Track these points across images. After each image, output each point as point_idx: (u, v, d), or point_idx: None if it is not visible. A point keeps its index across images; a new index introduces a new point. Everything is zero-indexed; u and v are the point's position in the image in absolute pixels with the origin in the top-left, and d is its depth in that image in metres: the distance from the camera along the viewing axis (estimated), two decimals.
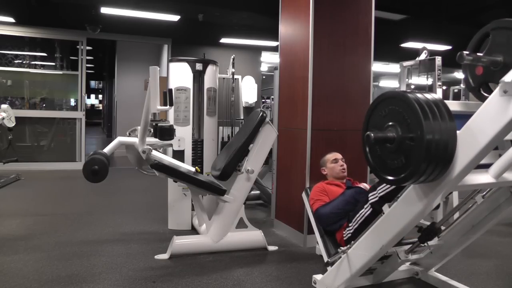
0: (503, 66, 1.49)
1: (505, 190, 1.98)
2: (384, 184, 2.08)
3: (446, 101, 1.52)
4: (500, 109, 1.32)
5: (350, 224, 2.33)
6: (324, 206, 2.52)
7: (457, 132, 1.47)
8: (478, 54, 1.59)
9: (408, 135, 1.48)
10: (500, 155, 1.62)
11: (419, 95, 1.49)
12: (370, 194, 2.18)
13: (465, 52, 1.48)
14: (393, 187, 1.99)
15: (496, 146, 1.60)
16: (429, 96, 1.50)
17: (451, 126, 1.45)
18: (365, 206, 2.23)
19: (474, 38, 1.68)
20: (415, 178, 1.50)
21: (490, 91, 1.53)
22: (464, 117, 1.49)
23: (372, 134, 1.55)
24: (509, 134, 1.47)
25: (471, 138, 1.43)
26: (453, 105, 1.73)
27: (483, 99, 1.52)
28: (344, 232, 2.38)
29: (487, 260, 2.88)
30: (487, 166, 1.63)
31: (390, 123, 1.55)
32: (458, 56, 1.46)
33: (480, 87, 1.65)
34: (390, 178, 1.58)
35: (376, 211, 2.04)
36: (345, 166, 2.80)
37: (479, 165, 1.52)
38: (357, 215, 2.28)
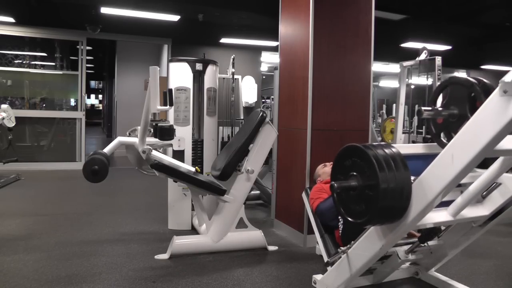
0: (459, 118, 1.70)
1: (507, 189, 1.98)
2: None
3: (406, 145, 1.69)
4: (500, 109, 1.32)
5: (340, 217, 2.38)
6: (324, 202, 2.53)
7: (412, 180, 1.62)
8: (437, 108, 1.80)
9: (368, 184, 1.64)
10: (461, 192, 1.78)
11: (378, 150, 1.66)
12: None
13: (424, 108, 1.73)
14: None
15: (459, 183, 1.70)
16: (387, 150, 1.67)
17: (406, 175, 1.62)
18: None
19: (435, 91, 1.90)
20: (374, 222, 1.72)
21: (450, 137, 1.71)
22: (430, 156, 1.62)
23: (336, 184, 1.75)
24: (466, 177, 1.59)
25: (424, 186, 1.57)
26: (418, 148, 2.06)
27: (443, 145, 1.70)
28: (339, 225, 2.40)
29: (487, 260, 2.88)
30: (449, 203, 1.78)
31: (353, 173, 1.73)
32: (417, 112, 1.74)
33: (441, 134, 1.84)
34: (353, 220, 1.76)
35: None
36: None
37: (440, 203, 1.65)
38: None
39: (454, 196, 1.78)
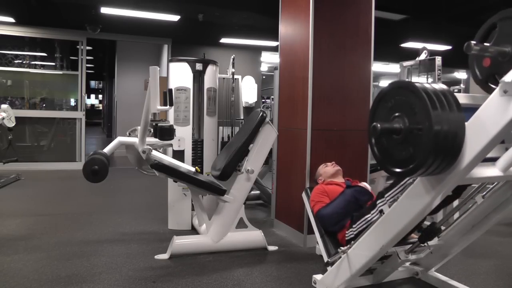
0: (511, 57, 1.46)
1: (506, 189, 1.97)
2: (392, 191, 2.08)
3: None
4: (500, 109, 1.32)
5: (354, 226, 2.31)
6: (326, 207, 2.50)
7: (466, 123, 1.43)
8: (485, 44, 1.55)
9: (416, 126, 1.44)
10: (507, 149, 1.59)
11: (427, 85, 1.45)
12: (379, 201, 2.16)
13: (473, 42, 1.42)
14: (401, 192, 1.99)
15: (503, 140, 1.58)
16: (437, 86, 1.46)
17: (460, 117, 1.41)
18: (372, 212, 2.21)
19: (481, 29, 1.62)
20: (423, 170, 1.46)
21: (498, 84, 1.45)
22: (470, 110, 1.46)
23: (379, 125, 1.51)
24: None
25: (479, 129, 1.39)
26: (460, 98, 1.66)
27: (491, 91, 1.48)
28: (347, 232, 2.36)
29: (487, 260, 2.88)
30: (493, 160, 1.59)
31: (397, 114, 1.51)
32: (466, 46, 1.41)
33: (488, 79, 1.61)
34: (397, 170, 1.53)
35: None
36: (334, 163, 2.85)
37: (485, 159, 1.49)
38: (363, 219, 2.25)
39: (499, 153, 1.60)
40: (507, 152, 1.57)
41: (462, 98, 1.63)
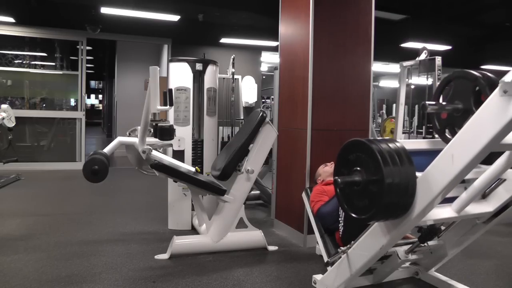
0: (464, 112, 1.68)
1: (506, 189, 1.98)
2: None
3: (410, 141, 1.64)
4: (500, 109, 1.32)
5: (340, 214, 2.38)
6: (325, 205, 2.53)
7: (417, 175, 1.59)
8: (441, 103, 1.78)
9: (372, 178, 1.62)
10: (465, 188, 1.75)
11: (381, 144, 1.63)
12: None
13: (428, 103, 1.71)
14: None
15: (463, 179, 1.69)
16: (391, 144, 1.64)
17: (411, 171, 1.59)
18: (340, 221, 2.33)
19: (439, 86, 1.85)
20: (379, 218, 1.70)
21: (454, 133, 1.68)
22: (434, 152, 1.59)
23: (339, 179, 1.72)
24: (471, 173, 1.58)
25: (431, 179, 1.54)
26: (422, 144, 2.01)
27: (447, 140, 1.67)
28: (340, 231, 2.39)
29: (487, 260, 2.88)
30: (453, 199, 1.76)
31: (358, 168, 1.69)
32: (422, 106, 1.71)
33: (445, 129, 1.81)
34: (357, 216, 1.73)
35: None
36: (333, 163, 2.85)
37: (444, 199, 1.62)
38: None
39: (458, 193, 1.76)
40: (463, 194, 1.73)
41: (423, 144, 1.99)
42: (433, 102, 1.75)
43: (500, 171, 1.70)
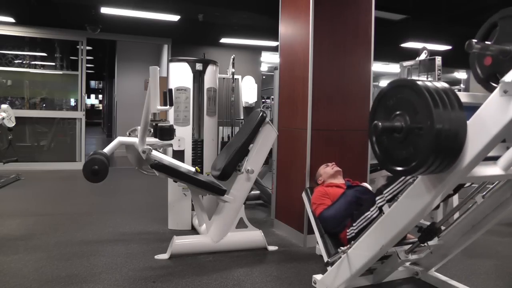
0: None
1: (506, 189, 1.97)
2: (391, 188, 2.06)
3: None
4: (500, 109, 1.32)
5: (354, 224, 2.31)
6: (328, 209, 2.50)
7: (467, 121, 1.43)
8: (487, 43, 1.54)
9: (417, 125, 1.42)
10: (508, 148, 1.58)
11: (429, 84, 1.44)
12: (377, 198, 2.15)
13: (474, 40, 1.40)
14: (399, 189, 1.97)
15: (504, 139, 1.57)
16: (438, 84, 1.45)
17: (461, 116, 1.40)
18: (372, 209, 2.20)
19: (482, 27, 1.61)
20: (424, 169, 1.44)
21: (499, 82, 1.42)
22: (471, 109, 1.45)
23: (380, 123, 1.49)
24: None
25: (481, 128, 1.38)
26: (461, 96, 1.62)
27: (492, 90, 1.45)
28: (348, 231, 2.36)
29: (487, 260, 2.88)
30: (494, 159, 1.58)
31: (398, 112, 1.49)
32: (467, 44, 1.39)
33: (489, 78, 1.60)
34: (398, 169, 1.52)
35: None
36: (334, 164, 2.86)
37: (486, 158, 1.48)
38: (363, 216, 2.25)
39: (500, 152, 1.59)
40: (508, 151, 1.56)
41: (463, 96, 1.61)
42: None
43: None
